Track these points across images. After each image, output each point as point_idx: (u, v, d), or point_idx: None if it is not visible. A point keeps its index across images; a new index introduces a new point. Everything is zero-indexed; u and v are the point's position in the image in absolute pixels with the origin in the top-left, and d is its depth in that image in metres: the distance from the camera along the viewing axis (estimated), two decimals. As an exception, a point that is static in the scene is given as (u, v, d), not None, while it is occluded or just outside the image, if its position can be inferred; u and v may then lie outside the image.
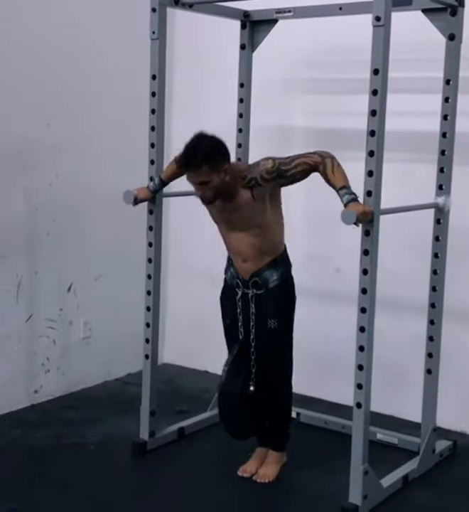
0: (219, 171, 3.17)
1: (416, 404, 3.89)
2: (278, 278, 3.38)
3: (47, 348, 4.38)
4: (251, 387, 3.44)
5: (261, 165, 3.20)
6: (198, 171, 3.16)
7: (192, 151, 3.16)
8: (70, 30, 4.29)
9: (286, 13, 3.83)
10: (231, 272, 3.49)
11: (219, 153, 3.20)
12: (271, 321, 3.38)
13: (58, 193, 4.32)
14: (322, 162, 3.13)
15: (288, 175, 3.18)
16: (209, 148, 3.16)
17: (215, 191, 3.21)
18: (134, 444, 3.71)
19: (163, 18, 3.51)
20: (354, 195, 3.02)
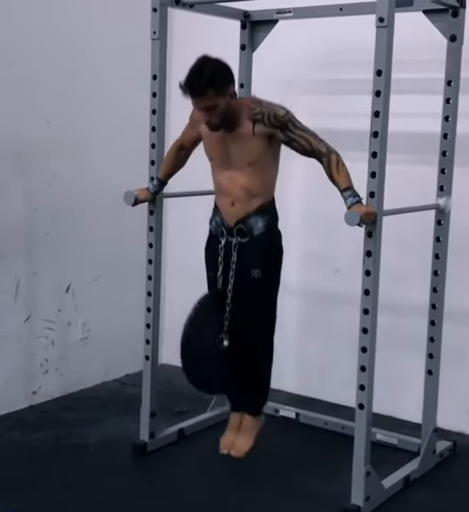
0: (225, 95, 3.09)
1: (415, 404, 3.91)
2: (264, 226, 3.27)
3: (46, 348, 4.37)
4: (225, 342, 3.30)
5: (274, 107, 3.15)
6: (204, 96, 3.07)
7: (197, 75, 3.07)
8: (69, 30, 4.28)
9: (286, 13, 3.82)
10: (216, 221, 3.41)
11: (224, 76, 3.12)
12: (255, 270, 3.25)
13: (57, 193, 4.30)
14: (327, 155, 3.11)
15: (289, 135, 3.13)
16: (215, 71, 3.08)
17: (222, 116, 3.12)
18: (134, 445, 3.70)
19: (163, 18, 3.50)
20: (358, 197, 3.02)
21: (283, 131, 3.14)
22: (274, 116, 3.13)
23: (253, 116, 3.15)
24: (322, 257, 4.43)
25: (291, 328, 4.49)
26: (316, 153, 3.13)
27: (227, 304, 3.30)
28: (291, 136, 3.14)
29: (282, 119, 3.13)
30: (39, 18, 4.12)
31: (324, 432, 4.03)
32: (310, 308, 4.50)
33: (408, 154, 3.35)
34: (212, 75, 3.06)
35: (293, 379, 4.60)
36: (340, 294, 4.39)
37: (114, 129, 4.57)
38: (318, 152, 3.13)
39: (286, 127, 3.14)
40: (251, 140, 3.18)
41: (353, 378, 4.29)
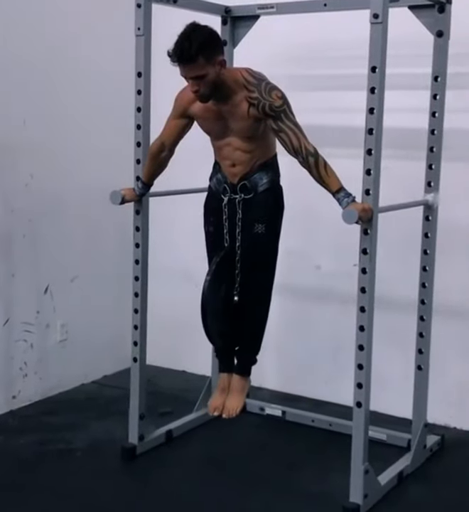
0: (215, 63, 3.04)
1: (399, 399, 3.94)
2: (268, 181, 3.27)
3: (25, 352, 4.28)
4: (235, 297, 3.34)
5: (272, 96, 3.08)
6: (193, 64, 3.00)
7: (186, 43, 2.99)
8: (47, 27, 4.19)
9: (268, 9, 3.79)
10: (217, 178, 3.38)
11: (214, 43, 3.07)
12: (259, 225, 3.26)
13: (34, 194, 4.21)
14: (314, 155, 3.06)
15: (280, 125, 3.08)
16: (204, 38, 3.02)
17: (211, 86, 3.07)
18: (124, 449, 3.64)
19: (148, 14, 3.44)
20: (352, 196, 3.00)
21: (275, 120, 3.10)
22: (269, 106, 3.09)
23: (249, 99, 3.11)
24: (303, 253, 4.42)
25: (273, 325, 4.42)
26: (302, 150, 3.07)
27: (237, 260, 3.31)
28: (282, 127, 3.09)
29: (277, 109, 3.08)
30: (15, 16, 4.02)
31: (311, 430, 4.01)
32: (291, 304, 4.48)
33: (393, 150, 3.35)
34: (201, 42, 3.00)
35: (275, 376, 4.59)
36: (322, 290, 4.39)
37: (92, 129, 4.50)
38: (305, 150, 3.07)
39: (278, 117, 3.09)
40: (246, 118, 3.15)
41: (335, 374, 4.34)
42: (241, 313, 3.37)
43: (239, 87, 3.13)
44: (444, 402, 4.00)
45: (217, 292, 3.32)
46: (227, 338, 3.46)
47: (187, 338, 4.88)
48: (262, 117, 3.11)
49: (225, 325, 3.40)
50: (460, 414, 4.03)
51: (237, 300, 3.34)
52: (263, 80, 3.16)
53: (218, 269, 3.33)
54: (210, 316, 3.31)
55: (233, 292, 3.34)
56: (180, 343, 4.89)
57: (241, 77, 3.14)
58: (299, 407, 4.19)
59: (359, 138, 3.69)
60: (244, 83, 3.13)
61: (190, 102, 3.25)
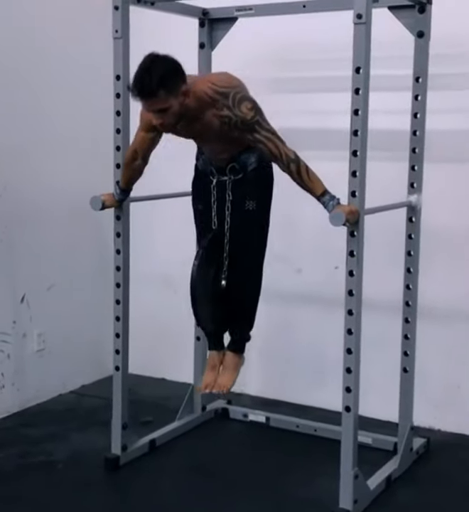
0: (178, 94, 2.93)
1: (380, 401, 3.92)
2: (257, 160, 3.21)
3: (2, 362, 4.19)
4: (222, 282, 3.31)
5: (242, 110, 2.99)
6: (155, 98, 2.90)
7: (146, 77, 2.88)
8: (19, 31, 4.12)
9: (246, 10, 3.76)
10: (203, 159, 3.34)
11: (175, 74, 2.94)
12: (250, 202, 3.22)
13: (8, 202, 4.13)
14: (295, 160, 3.01)
15: (255, 136, 3.02)
16: (165, 70, 2.90)
17: (175, 117, 2.98)
18: (107, 459, 3.57)
19: (126, 16, 3.38)
20: (337, 199, 2.97)
21: (250, 132, 3.04)
22: (241, 122, 3.02)
23: (220, 117, 3.03)
24: (285, 257, 4.38)
25: (254, 329, 4.41)
26: (283, 157, 3.02)
27: (225, 243, 3.28)
28: (258, 138, 3.03)
29: (250, 122, 3.01)
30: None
31: (296, 435, 3.98)
32: (273, 309, 4.43)
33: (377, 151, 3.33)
34: (162, 75, 2.89)
35: (257, 381, 4.54)
36: (304, 294, 4.36)
37: (68, 134, 4.43)
38: (285, 157, 3.01)
39: (253, 129, 3.02)
40: (219, 132, 3.09)
41: (319, 379, 4.31)
42: (234, 291, 3.33)
43: (206, 105, 3.03)
44: (428, 404, 3.98)
45: (205, 276, 3.28)
46: (217, 321, 3.43)
47: (166, 345, 4.83)
48: (236, 131, 3.05)
49: (215, 308, 3.36)
50: (444, 416, 4.03)
51: (225, 284, 3.30)
52: (230, 90, 3.03)
53: (206, 252, 3.29)
54: (199, 300, 3.28)
55: (221, 276, 3.31)
56: (158, 350, 4.83)
57: (206, 96, 3.02)
58: (283, 413, 4.16)
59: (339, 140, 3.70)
60: (210, 102, 3.02)
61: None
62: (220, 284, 3.31)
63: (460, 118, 3.84)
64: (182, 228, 4.34)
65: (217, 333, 3.50)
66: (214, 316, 3.40)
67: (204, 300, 3.30)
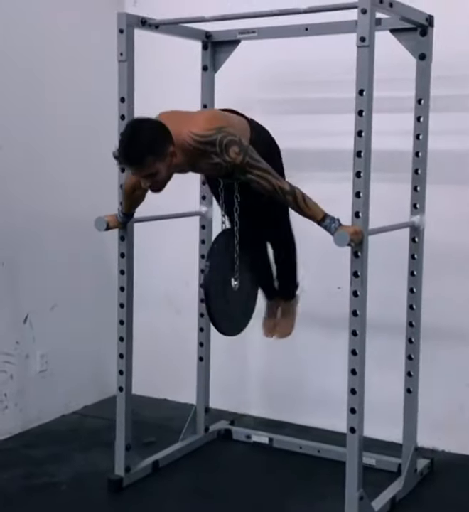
0: (165, 158, 2.94)
1: (382, 422, 3.91)
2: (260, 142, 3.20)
3: (5, 383, 4.18)
4: (234, 282, 3.37)
5: (231, 155, 2.97)
6: (142, 166, 2.92)
7: (131, 146, 2.89)
8: (27, 48, 4.14)
9: (249, 33, 3.78)
10: None
11: (161, 139, 2.94)
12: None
13: (13, 220, 4.15)
14: (291, 192, 3.03)
15: (248, 177, 3.04)
16: (149, 138, 2.90)
17: (164, 178, 3.00)
18: (110, 481, 3.56)
19: (130, 39, 3.41)
20: (337, 220, 2.99)
21: (242, 173, 3.06)
22: (232, 166, 3.04)
23: (210, 165, 3.06)
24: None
25: (257, 349, 4.42)
26: (278, 191, 3.03)
27: (236, 243, 3.35)
28: (251, 178, 3.04)
29: (240, 166, 3.02)
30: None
31: (300, 456, 3.96)
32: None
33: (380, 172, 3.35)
34: (147, 143, 2.89)
35: (259, 403, 4.54)
36: (306, 314, 4.34)
37: (71, 154, 4.45)
38: (280, 190, 3.03)
39: (244, 171, 3.04)
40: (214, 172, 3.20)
41: (321, 400, 4.30)
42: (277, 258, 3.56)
43: (195, 156, 3.04)
44: (432, 425, 3.96)
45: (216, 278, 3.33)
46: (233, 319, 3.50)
47: (169, 366, 4.82)
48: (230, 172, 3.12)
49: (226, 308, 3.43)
50: (448, 436, 4.01)
51: (237, 285, 3.38)
52: (215, 136, 2.99)
53: (217, 253, 3.34)
54: (214, 302, 3.34)
55: (233, 276, 3.38)
56: (161, 371, 4.82)
57: (193, 148, 3.01)
58: (286, 434, 4.15)
59: (342, 161, 3.72)
60: (198, 153, 3.03)
61: None
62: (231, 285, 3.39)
63: (461, 139, 3.86)
64: (184, 249, 4.37)
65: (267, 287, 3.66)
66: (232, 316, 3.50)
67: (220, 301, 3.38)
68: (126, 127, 2.98)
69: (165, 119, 3.08)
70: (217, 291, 3.35)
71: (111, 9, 4.21)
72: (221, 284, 3.37)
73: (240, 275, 3.41)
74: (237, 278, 3.39)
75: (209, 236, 3.91)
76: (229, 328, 3.53)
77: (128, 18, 3.38)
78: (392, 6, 3.00)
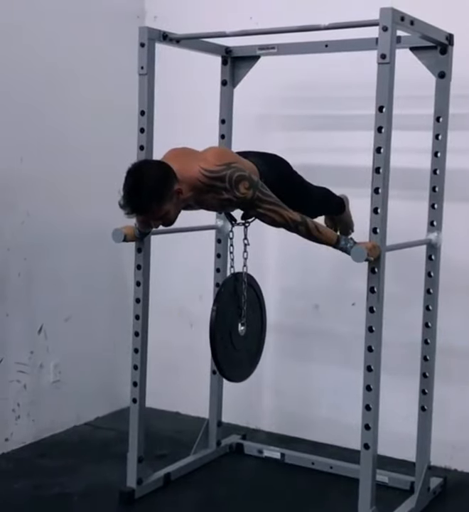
0: (172, 198, 2.92)
1: (401, 441, 3.90)
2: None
3: (18, 393, 4.19)
4: (241, 327, 3.35)
5: (241, 191, 2.96)
6: (150, 213, 2.93)
7: (135, 194, 2.87)
8: (50, 63, 4.18)
9: (269, 49, 3.80)
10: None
11: (164, 182, 2.90)
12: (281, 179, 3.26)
13: (29, 232, 4.16)
14: (303, 222, 3.05)
15: (258, 211, 3.04)
16: (153, 183, 2.87)
17: (174, 215, 3.00)
18: (122, 493, 3.55)
19: (151, 53, 3.43)
20: (352, 240, 3.02)
21: (252, 208, 3.06)
22: (242, 202, 3.03)
23: (219, 200, 3.05)
24: (301, 292, 4.39)
25: (270, 364, 4.41)
26: (289, 223, 3.03)
27: (243, 288, 3.36)
28: (261, 212, 3.04)
29: (250, 201, 3.01)
30: (16, 49, 4.00)
31: (312, 472, 3.95)
32: (289, 344, 4.44)
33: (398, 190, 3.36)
34: (151, 190, 2.87)
35: (272, 418, 4.53)
36: (320, 329, 4.36)
37: (90, 165, 4.47)
38: (292, 222, 3.03)
39: (254, 205, 3.03)
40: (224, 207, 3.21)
41: (334, 416, 4.29)
42: (319, 201, 3.52)
43: (204, 191, 3.03)
44: (445, 444, 3.95)
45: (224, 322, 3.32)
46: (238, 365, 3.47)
47: (181, 379, 4.82)
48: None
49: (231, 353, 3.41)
50: (461, 455, 4.00)
51: (243, 330, 3.36)
52: (225, 172, 2.98)
53: (224, 298, 3.33)
54: (220, 347, 3.32)
55: (239, 321, 3.37)
56: (173, 384, 4.82)
57: (202, 184, 3.00)
58: (298, 449, 4.13)
59: (358, 177, 3.73)
60: (207, 188, 3.02)
61: None
62: (238, 331, 3.38)
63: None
64: (199, 262, 4.38)
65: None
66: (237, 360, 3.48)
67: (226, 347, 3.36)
68: (127, 176, 2.93)
69: (173, 156, 3.09)
70: (222, 336, 3.32)
71: (132, 23, 4.27)
72: (227, 329, 3.35)
73: (247, 320, 3.40)
74: (244, 323, 3.37)
75: (224, 250, 3.91)
76: (235, 374, 3.51)
77: (150, 32, 3.41)
78: (413, 23, 3.01)
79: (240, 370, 3.51)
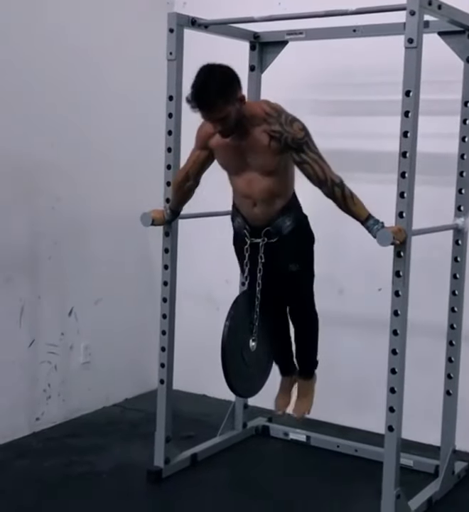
0: (235, 102, 3.02)
1: (426, 425, 3.91)
2: (292, 222, 3.27)
3: (49, 373, 4.27)
4: (252, 343, 3.38)
5: (294, 128, 3.07)
6: (213, 109, 3.00)
7: (203, 90, 2.98)
8: (78, 52, 4.23)
9: (297, 34, 3.81)
10: (238, 221, 3.38)
11: (231, 83, 3.03)
12: (292, 264, 3.29)
13: (60, 216, 4.24)
14: (340, 185, 3.07)
15: (303, 157, 3.07)
16: (221, 81, 3.00)
17: (233, 123, 3.06)
18: (149, 472, 3.62)
19: (180, 38, 3.47)
20: (381, 223, 3.01)
21: (298, 152, 3.09)
22: (292, 139, 3.08)
23: (271, 132, 3.10)
24: (326, 277, 4.39)
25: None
26: (328, 182, 3.06)
27: (256, 305, 3.34)
28: (305, 159, 3.09)
29: (299, 141, 3.07)
30: (48, 40, 4.07)
31: (337, 455, 3.98)
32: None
33: (422, 175, 3.37)
34: (219, 87, 2.99)
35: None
36: (345, 315, 4.38)
37: (119, 151, 4.53)
38: (331, 181, 3.06)
39: (301, 149, 3.08)
40: (267, 152, 3.13)
41: (360, 400, 4.32)
42: (297, 334, 3.52)
43: (259, 120, 3.11)
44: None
45: (236, 338, 3.34)
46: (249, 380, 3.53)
47: (208, 362, 4.81)
48: (284, 150, 3.11)
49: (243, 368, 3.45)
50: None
51: (254, 346, 3.39)
52: (283, 111, 3.15)
53: (237, 313, 3.35)
54: (231, 362, 3.35)
55: (251, 337, 3.39)
56: (200, 367, 4.86)
57: (261, 110, 3.13)
58: (323, 433, 4.17)
59: (384, 162, 3.74)
60: (264, 117, 3.11)
61: (209, 135, 3.25)
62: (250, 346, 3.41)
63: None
64: (226, 246, 4.40)
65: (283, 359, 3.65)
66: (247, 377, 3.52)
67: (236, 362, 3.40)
68: (198, 72, 3.04)
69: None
70: (234, 352, 3.35)
71: (162, 9, 4.31)
72: (239, 345, 3.37)
73: (258, 336, 3.42)
74: (255, 339, 3.38)
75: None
76: (245, 389, 3.58)
77: (179, 17, 3.45)
78: (441, 8, 3.02)
79: (250, 385, 3.57)
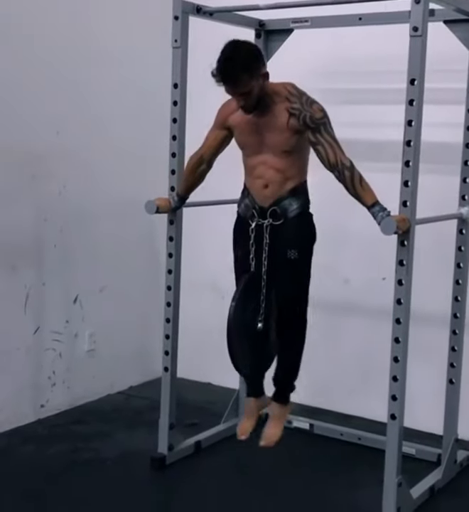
0: (259, 78, 3.08)
1: (429, 414, 3.92)
2: (298, 207, 3.26)
3: (54, 361, 4.30)
4: (259, 324, 3.30)
5: (313, 108, 3.13)
6: (238, 83, 3.05)
7: (229, 63, 3.04)
8: (83, 39, 4.24)
9: (302, 22, 3.80)
10: (245, 203, 3.36)
11: (256, 59, 3.11)
12: (291, 251, 3.24)
13: (66, 203, 4.25)
14: (350, 169, 3.08)
15: (318, 137, 3.10)
16: (246, 56, 3.07)
17: (256, 99, 3.11)
18: (153, 459, 3.64)
19: (185, 26, 3.48)
20: (387, 210, 3.00)
21: (314, 132, 3.12)
22: (310, 118, 3.11)
23: (290, 109, 3.14)
24: (331, 266, 4.41)
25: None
26: (338, 164, 3.08)
27: (262, 286, 3.29)
28: (320, 140, 3.11)
29: (317, 121, 3.11)
30: (52, 28, 4.08)
31: (340, 443, 4.00)
32: (318, 317, 4.41)
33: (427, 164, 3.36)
34: (244, 61, 3.05)
35: (300, 389, 4.52)
36: (350, 304, 4.39)
37: (125, 139, 4.54)
38: (341, 164, 3.08)
39: (318, 129, 3.11)
40: (284, 130, 3.16)
41: (363, 389, 4.33)
42: (280, 341, 3.38)
43: (281, 98, 3.16)
44: None
45: (242, 319, 3.28)
46: (255, 365, 3.45)
47: (213, 350, 4.84)
48: (301, 129, 3.13)
49: (253, 352, 3.36)
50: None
51: (261, 327, 3.30)
52: (306, 94, 3.20)
53: (243, 294, 3.31)
54: (236, 343, 3.29)
55: (257, 318, 3.31)
56: (205, 355, 4.88)
57: (284, 89, 3.18)
58: (327, 421, 4.19)
59: (390, 151, 3.73)
60: (286, 95, 3.16)
61: (230, 112, 3.29)
62: (257, 327, 3.31)
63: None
64: (231, 235, 4.41)
65: (256, 379, 3.54)
66: (252, 360, 3.39)
67: (242, 343, 3.30)
68: (224, 47, 3.10)
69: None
70: (239, 332, 3.29)
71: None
72: (244, 325, 3.31)
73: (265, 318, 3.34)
74: (262, 320, 3.32)
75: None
76: (249, 368, 3.46)
77: (184, 5, 3.45)
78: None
79: (255, 364, 3.47)
